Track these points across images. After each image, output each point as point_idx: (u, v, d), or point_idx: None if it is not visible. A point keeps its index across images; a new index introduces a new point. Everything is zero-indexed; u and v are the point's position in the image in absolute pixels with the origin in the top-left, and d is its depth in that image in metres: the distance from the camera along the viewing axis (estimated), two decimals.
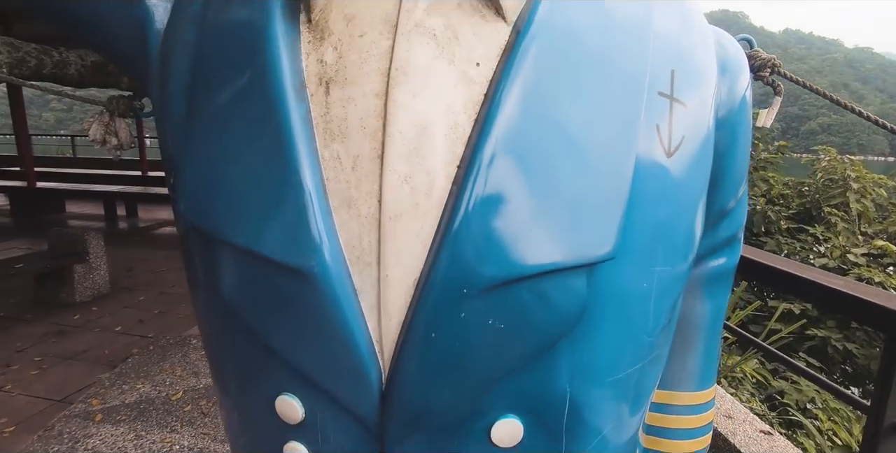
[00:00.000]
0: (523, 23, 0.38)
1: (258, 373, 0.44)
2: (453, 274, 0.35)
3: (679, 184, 0.43)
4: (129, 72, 0.56)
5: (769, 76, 0.65)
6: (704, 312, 0.63)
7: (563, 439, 0.43)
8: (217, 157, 0.41)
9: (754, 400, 2.54)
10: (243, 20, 0.41)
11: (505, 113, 0.35)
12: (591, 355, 0.41)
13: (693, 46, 0.47)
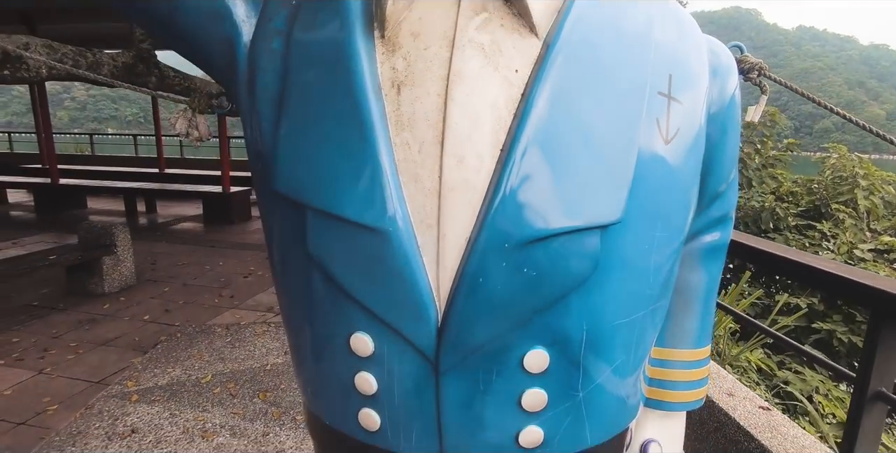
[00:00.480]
0: (552, 38, 0.49)
1: (336, 317, 0.56)
2: (497, 233, 0.47)
3: (675, 165, 0.54)
4: (216, 75, 0.67)
5: (757, 78, 0.75)
6: (700, 281, 0.74)
7: (580, 368, 0.54)
8: (309, 145, 0.52)
9: (759, 389, 2.62)
10: (328, 36, 0.52)
11: (537, 109, 0.46)
12: (603, 300, 0.52)
13: (688, 53, 0.58)
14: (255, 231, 6.53)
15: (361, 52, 0.50)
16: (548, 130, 0.46)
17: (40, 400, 2.48)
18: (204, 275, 4.61)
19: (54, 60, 2.98)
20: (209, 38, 0.61)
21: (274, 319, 3.58)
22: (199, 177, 8.51)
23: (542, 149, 0.46)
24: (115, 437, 2.18)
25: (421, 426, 0.55)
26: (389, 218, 0.47)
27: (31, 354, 2.96)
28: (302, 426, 2.28)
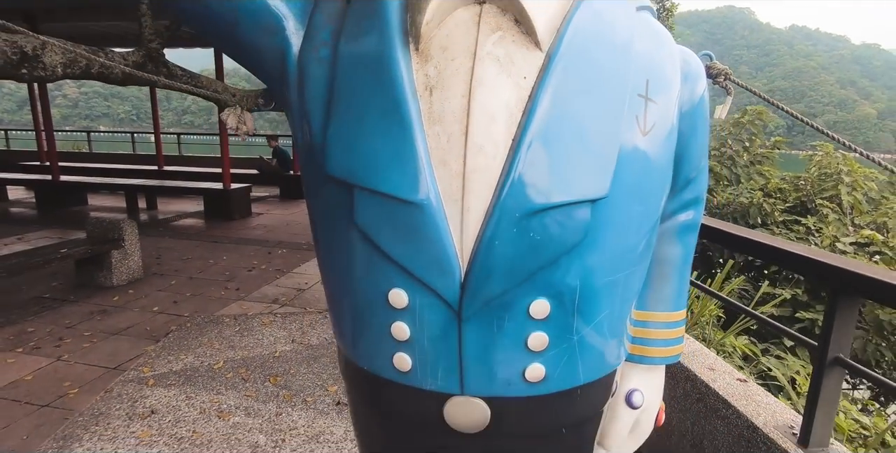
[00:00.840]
0: (552, 51, 0.62)
1: (376, 276, 0.68)
2: (509, 206, 0.60)
3: (651, 153, 0.68)
4: (265, 79, 0.80)
5: (723, 81, 0.88)
6: (677, 254, 0.87)
7: (574, 316, 0.67)
8: (357, 136, 0.65)
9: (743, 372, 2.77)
10: (372, 49, 0.65)
11: (541, 108, 0.60)
12: (592, 260, 0.66)
13: (663, 61, 0.72)
14: (256, 227, 6.64)
15: (401, 62, 0.62)
16: (549, 125, 0.59)
17: (60, 384, 2.61)
18: (209, 268, 4.72)
19: (69, 59, 3.09)
20: (263, 49, 0.73)
21: (280, 310, 3.70)
22: (200, 174, 8.60)
23: (544, 140, 0.59)
24: (135, 418, 2.31)
25: (445, 365, 0.68)
26: (424, 194, 0.60)
27: (47, 343, 3.08)
28: (312, 407, 2.42)
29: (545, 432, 0.75)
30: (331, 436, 2.19)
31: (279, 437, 2.18)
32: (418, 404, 0.72)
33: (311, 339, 3.20)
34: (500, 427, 0.70)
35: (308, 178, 0.74)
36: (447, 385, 0.69)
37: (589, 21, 0.63)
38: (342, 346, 0.81)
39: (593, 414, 0.80)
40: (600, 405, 0.80)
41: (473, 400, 0.69)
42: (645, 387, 0.90)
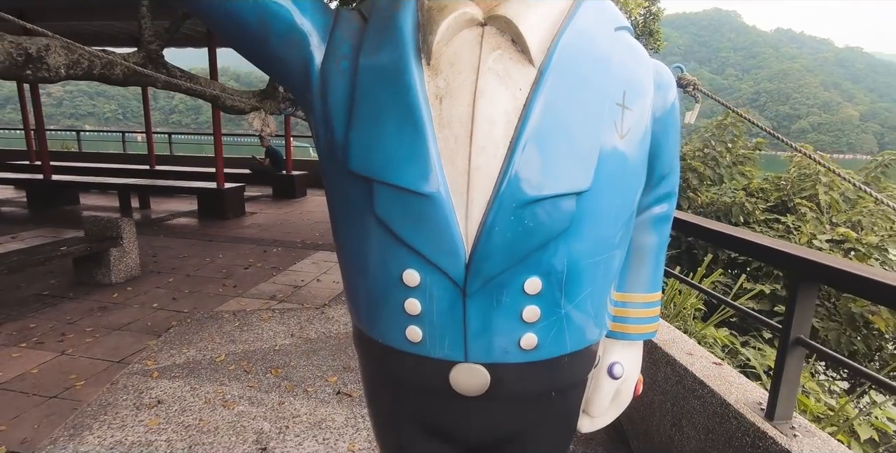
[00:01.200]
0: (543, 67, 0.73)
1: (392, 259, 0.79)
2: (507, 198, 0.71)
3: (627, 153, 0.79)
4: (290, 86, 0.90)
5: (693, 91, 1.01)
6: (653, 242, 0.99)
7: (562, 292, 0.79)
8: (376, 137, 0.76)
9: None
10: (390, 62, 0.76)
11: (534, 115, 0.71)
12: (577, 244, 0.77)
13: (638, 74, 0.83)
14: (250, 226, 6.71)
15: (415, 75, 0.73)
16: (540, 129, 0.71)
17: (67, 377, 2.68)
18: (205, 266, 4.80)
19: (72, 61, 3.17)
20: (289, 61, 0.83)
21: (277, 307, 3.79)
22: (193, 174, 8.63)
23: (536, 142, 0.71)
24: (142, 407, 2.39)
25: (451, 336, 0.79)
26: (435, 188, 0.71)
27: (50, 338, 3.14)
28: (313, 396, 2.52)
29: (536, 395, 0.86)
30: (332, 423, 2.30)
31: (283, 424, 2.28)
32: (427, 371, 0.82)
33: (309, 334, 3.30)
34: (499, 390, 0.81)
35: (329, 174, 0.84)
36: (453, 353, 0.79)
37: (574, 40, 0.74)
38: (357, 322, 0.91)
39: (578, 381, 0.91)
40: (584, 373, 0.91)
41: (475, 366, 0.79)
42: (625, 360, 1.00)
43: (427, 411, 0.89)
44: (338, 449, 2.11)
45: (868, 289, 1.23)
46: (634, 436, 2.11)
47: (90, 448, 2.09)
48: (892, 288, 1.14)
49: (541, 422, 0.91)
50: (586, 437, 2.23)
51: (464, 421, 0.87)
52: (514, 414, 0.88)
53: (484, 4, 0.73)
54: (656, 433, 1.92)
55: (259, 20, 0.77)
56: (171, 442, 2.13)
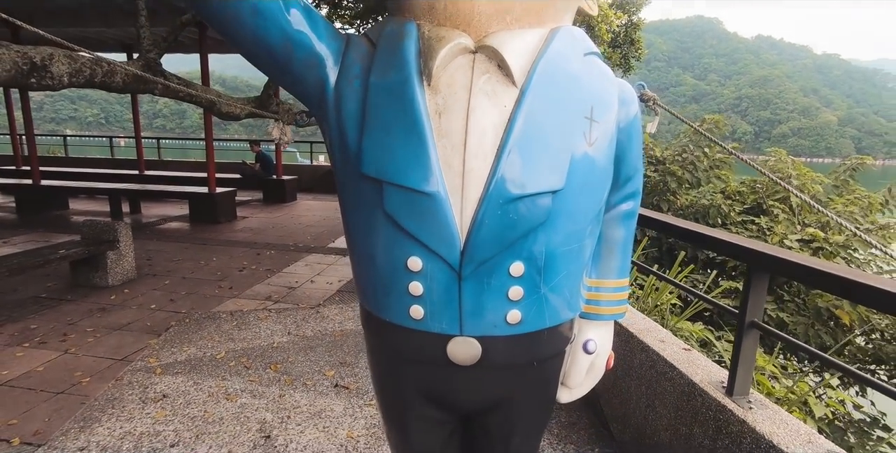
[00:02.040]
0: (524, 87, 0.89)
1: (399, 248, 0.94)
2: (495, 196, 0.87)
3: (595, 159, 0.95)
4: (307, 102, 1.05)
5: (653, 105, 1.17)
6: (620, 234, 1.15)
7: (541, 274, 0.94)
8: (385, 145, 0.90)
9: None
10: (396, 82, 0.91)
11: (517, 127, 0.87)
12: (553, 234, 0.93)
13: (605, 91, 0.99)
14: (242, 229, 6.80)
15: (418, 93, 0.88)
16: (522, 139, 0.86)
17: (72, 374, 2.78)
18: (200, 269, 4.89)
19: (74, 69, 3.27)
20: (307, 80, 0.97)
21: (273, 307, 3.91)
22: (184, 179, 8.69)
23: (519, 150, 0.86)
24: (148, 401, 2.50)
25: (448, 313, 0.94)
26: (436, 187, 0.86)
27: (52, 338, 3.23)
28: (312, 389, 2.65)
29: (520, 365, 1.01)
30: (331, 413, 2.43)
31: (284, 415, 2.41)
32: (427, 344, 0.96)
33: (305, 332, 3.42)
34: (488, 360, 0.95)
35: (343, 177, 0.99)
36: (450, 328, 0.94)
37: (550, 65, 0.90)
38: (366, 303, 1.04)
39: (556, 353, 1.07)
40: (561, 346, 1.06)
41: (469, 339, 0.94)
42: (598, 337, 1.16)
43: (426, 380, 1.03)
44: (338, 436, 2.25)
45: (810, 277, 1.41)
46: (614, 420, 2.28)
47: (101, 438, 2.20)
48: (828, 274, 1.32)
49: (524, 390, 1.06)
50: (571, 423, 2.39)
51: (458, 388, 1.02)
52: (501, 382, 1.02)
53: (475, 35, 0.88)
54: (633, 415, 2.09)
55: (284, 46, 0.91)
56: (179, 432, 2.25)
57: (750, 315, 1.54)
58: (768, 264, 1.50)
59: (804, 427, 1.43)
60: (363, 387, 2.70)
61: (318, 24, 0.92)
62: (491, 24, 0.88)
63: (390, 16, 0.99)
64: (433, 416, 1.10)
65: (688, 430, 1.72)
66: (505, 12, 0.88)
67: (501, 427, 1.11)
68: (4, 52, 2.90)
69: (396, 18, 0.93)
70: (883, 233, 4.52)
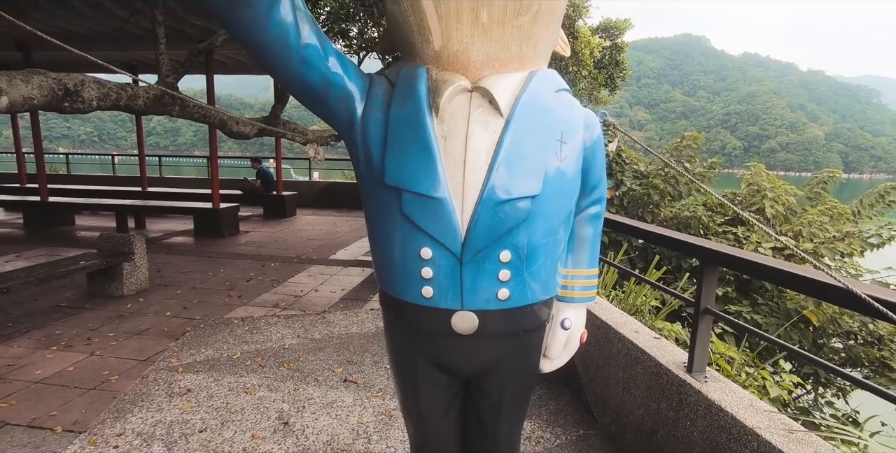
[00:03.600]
0: (509, 118, 1.17)
1: (413, 241, 1.21)
2: (487, 200, 1.16)
3: (565, 171, 1.24)
4: (336, 127, 1.35)
5: (613, 129, 1.47)
6: (589, 232, 1.43)
7: (524, 261, 1.23)
8: (403, 162, 1.19)
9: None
10: (412, 114, 1.19)
11: (504, 148, 1.16)
12: (533, 230, 1.21)
13: (573, 119, 1.29)
14: (246, 243, 7.05)
15: (428, 122, 1.17)
16: (508, 157, 1.15)
17: (101, 373, 3.01)
18: (209, 280, 5.13)
19: (102, 94, 3.58)
20: (339, 111, 1.26)
21: (281, 313, 4.16)
22: (188, 195, 8.95)
23: (505, 165, 1.15)
24: (174, 395, 2.74)
25: (452, 292, 1.21)
26: (443, 193, 1.14)
27: (78, 342, 3.46)
28: (323, 384, 2.90)
29: (509, 334, 1.28)
30: (342, 403, 2.68)
31: (300, 405, 2.65)
32: (435, 318, 1.23)
33: (314, 335, 3.67)
34: (484, 330, 1.23)
35: (368, 187, 1.27)
36: (453, 304, 1.21)
37: (528, 100, 1.19)
38: (384, 287, 1.30)
39: (538, 325, 1.34)
40: (542, 319, 1.34)
41: (469, 313, 1.21)
42: (573, 317, 1.43)
43: (434, 348, 1.30)
44: (349, 422, 2.50)
45: (751, 269, 1.70)
46: (596, 405, 2.54)
47: (135, 426, 2.44)
48: (762, 266, 1.61)
49: (512, 356, 1.33)
50: (558, 410, 2.65)
51: (459, 354, 1.29)
52: (494, 349, 1.29)
53: (471, 78, 1.18)
54: (612, 398, 2.36)
55: (323, 85, 1.19)
56: (205, 420, 2.49)
57: (704, 302, 1.83)
58: (717, 259, 1.79)
59: (748, 394, 1.71)
60: (370, 382, 2.95)
61: (349, 67, 1.20)
62: (483, 69, 1.17)
63: (403, 61, 1.27)
64: (439, 381, 1.36)
65: (656, 405, 1.99)
66: (493, 60, 1.17)
67: (495, 388, 1.37)
68: (43, 79, 3.20)
69: (409, 63, 1.21)
70: (849, 241, 4.85)
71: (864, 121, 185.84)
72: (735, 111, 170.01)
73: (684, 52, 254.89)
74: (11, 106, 3.01)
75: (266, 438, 2.35)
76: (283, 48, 1.08)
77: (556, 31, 1.28)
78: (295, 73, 1.15)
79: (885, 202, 6.28)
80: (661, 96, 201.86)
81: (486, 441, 1.45)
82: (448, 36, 1.13)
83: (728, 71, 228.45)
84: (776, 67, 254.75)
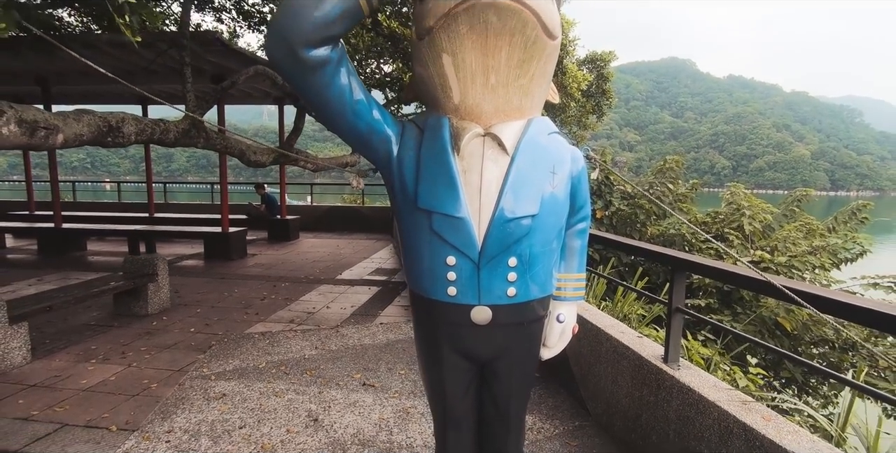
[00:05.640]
0: (514, 155, 1.55)
1: (441, 252, 1.57)
2: (498, 218, 1.51)
3: (557, 195, 1.62)
4: (375, 162, 1.73)
5: (594, 162, 1.86)
6: (578, 244, 1.80)
7: (527, 265, 1.59)
8: (433, 190, 1.56)
9: None
10: (439, 152, 1.55)
11: (510, 178, 1.53)
12: (533, 241, 1.58)
13: (562, 154, 1.67)
14: (255, 265, 7.37)
15: (452, 160, 1.54)
16: (513, 185, 1.52)
17: (140, 381, 3.31)
18: (225, 299, 5.45)
19: (140, 129, 3.97)
20: (378, 150, 1.63)
21: (298, 328, 4.47)
22: (197, 220, 9.29)
23: (511, 192, 1.52)
24: (211, 399, 3.05)
25: (472, 291, 1.57)
26: (465, 213, 1.49)
27: (114, 356, 3.76)
28: (345, 387, 3.21)
29: (516, 324, 1.63)
30: (363, 403, 2.99)
31: (326, 405, 2.96)
32: (458, 312, 1.59)
33: (330, 346, 3.99)
34: (496, 321, 1.57)
35: (403, 209, 1.62)
36: (472, 300, 1.55)
37: (528, 142, 1.56)
38: (415, 288, 1.65)
39: (537, 318, 1.69)
40: (542, 313, 1.69)
41: (484, 307, 1.56)
42: (566, 312, 1.78)
43: (456, 337, 1.65)
44: (371, 418, 2.81)
45: (707, 272, 2.07)
46: (589, 400, 2.87)
47: (181, 424, 2.74)
48: (716, 269, 1.99)
49: (519, 342, 1.68)
50: (556, 405, 2.97)
51: (477, 340, 1.63)
52: (504, 336, 1.64)
53: (483, 125, 1.55)
54: (602, 392, 2.69)
55: (368, 131, 1.56)
56: (243, 419, 2.80)
57: (675, 303, 2.20)
58: (685, 266, 2.17)
59: (712, 377, 2.07)
60: (386, 385, 3.26)
61: (387, 116, 1.57)
62: (492, 118, 1.54)
63: (429, 111, 1.65)
64: (461, 365, 1.70)
65: (639, 393, 2.33)
66: (500, 112, 1.55)
67: (505, 369, 1.71)
68: (91, 117, 3.59)
69: (434, 114, 1.57)
70: (819, 254, 5.25)
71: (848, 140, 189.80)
72: (722, 131, 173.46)
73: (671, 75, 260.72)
74: (66, 142, 3.39)
75: (300, 432, 2.66)
76: (340, 104, 1.43)
77: (548, 87, 1.66)
78: (347, 123, 1.52)
79: (858, 218, 6.73)
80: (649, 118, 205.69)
81: (498, 421, 1.77)
82: (465, 93, 1.50)
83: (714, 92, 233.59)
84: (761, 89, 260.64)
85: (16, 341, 3.54)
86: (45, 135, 3.21)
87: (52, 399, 3.05)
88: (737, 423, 1.74)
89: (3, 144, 3.00)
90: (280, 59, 1.29)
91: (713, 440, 1.84)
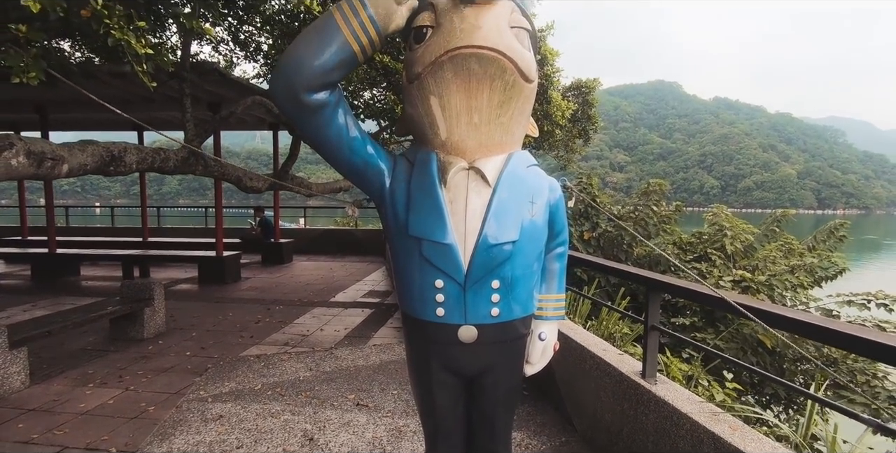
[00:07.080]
0: (495, 187, 1.70)
1: (429, 275, 1.71)
2: (482, 244, 1.67)
3: (536, 222, 1.77)
4: (369, 193, 1.89)
5: (570, 191, 2.03)
6: (557, 266, 1.96)
7: (509, 287, 1.74)
8: (422, 219, 1.71)
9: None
10: (427, 185, 1.71)
11: (492, 208, 1.67)
12: (515, 265, 1.71)
13: (540, 185, 1.83)
14: (249, 289, 7.44)
15: (439, 191, 1.69)
16: (495, 214, 1.67)
17: (138, 405, 3.38)
18: (220, 323, 5.52)
19: (140, 158, 4.12)
20: (372, 182, 1.78)
21: (292, 350, 4.55)
22: (192, 244, 9.37)
23: (494, 219, 1.66)
24: (208, 421, 3.12)
25: (458, 311, 1.70)
26: (451, 240, 1.64)
27: (111, 379, 3.82)
28: (339, 408, 3.29)
29: (500, 342, 1.76)
30: (357, 422, 3.08)
31: (321, 425, 3.05)
32: (446, 331, 1.72)
33: (325, 368, 4.07)
34: (481, 339, 1.71)
35: (395, 236, 1.77)
36: (459, 320, 1.69)
37: (508, 174, 1.71)
38: (406, 309, 1.78)
39: (520, 336, 1.83)
40: (524, 331, 1.83)
41: (470, 326, 1.68)
42: (547, 330, 1.92)
43: (445, 355, 1.78)
44: (365, 437, 2.90)
45: (678, 292, 2.23)
46: (575, 416, 2.98)
47: (179, 446, 2.81)
48: (684, 289, 2.14)
49: (503, 359, 1.81)
50: (543, 423, 3.08)
51: (464, 358, 1.77)
52: (489, 354, 1.78)
53: (468, 159, 1.71)
54: (587, 408, 2.81)
55: (363, 166, 1.72)
56: (240, 439, 2.87)
57: (651, 321, 2.34)
58: (659, 286, 2.32)
59: (686, 391, 2.20)
60: (380, 405, 3.35)
61: (380, 151, 1.72)
62: (476, 153, 1.70)
63: (417, 146, 1.80)
64: (450, 381, 1.82)
65: (620, 407, 2.46)
66: (482, 147, 1.71)
67: (491, 384, 1.84)
68: (95, 147, 3.74)
69: (423, 149, 1.72)
70: (797, 273, 5.44)
71: (833, 160, 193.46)
72: (710, 152, 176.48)
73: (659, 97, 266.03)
74: (70, 172, 3.53)
75: (296, 451, 2.74)
76: (338, 142, 1.59)
77: (527, 123, 1.82)
78: (344, 158, 1.67)
79: (836, 237, 6.96)
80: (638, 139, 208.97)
81: (485, 434, 1.88)
82: (451, 131, 1.65)
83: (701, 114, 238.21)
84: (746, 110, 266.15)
85: (15, 366, 3.61)
86: (52, 165, 3.36)
87: (51, 422, 3.11)
88: (706, 433, 1.87)
89: (12, 175, 3.14)
90: (284, 101, 1.45)
91: (686, 449, 1.96)
